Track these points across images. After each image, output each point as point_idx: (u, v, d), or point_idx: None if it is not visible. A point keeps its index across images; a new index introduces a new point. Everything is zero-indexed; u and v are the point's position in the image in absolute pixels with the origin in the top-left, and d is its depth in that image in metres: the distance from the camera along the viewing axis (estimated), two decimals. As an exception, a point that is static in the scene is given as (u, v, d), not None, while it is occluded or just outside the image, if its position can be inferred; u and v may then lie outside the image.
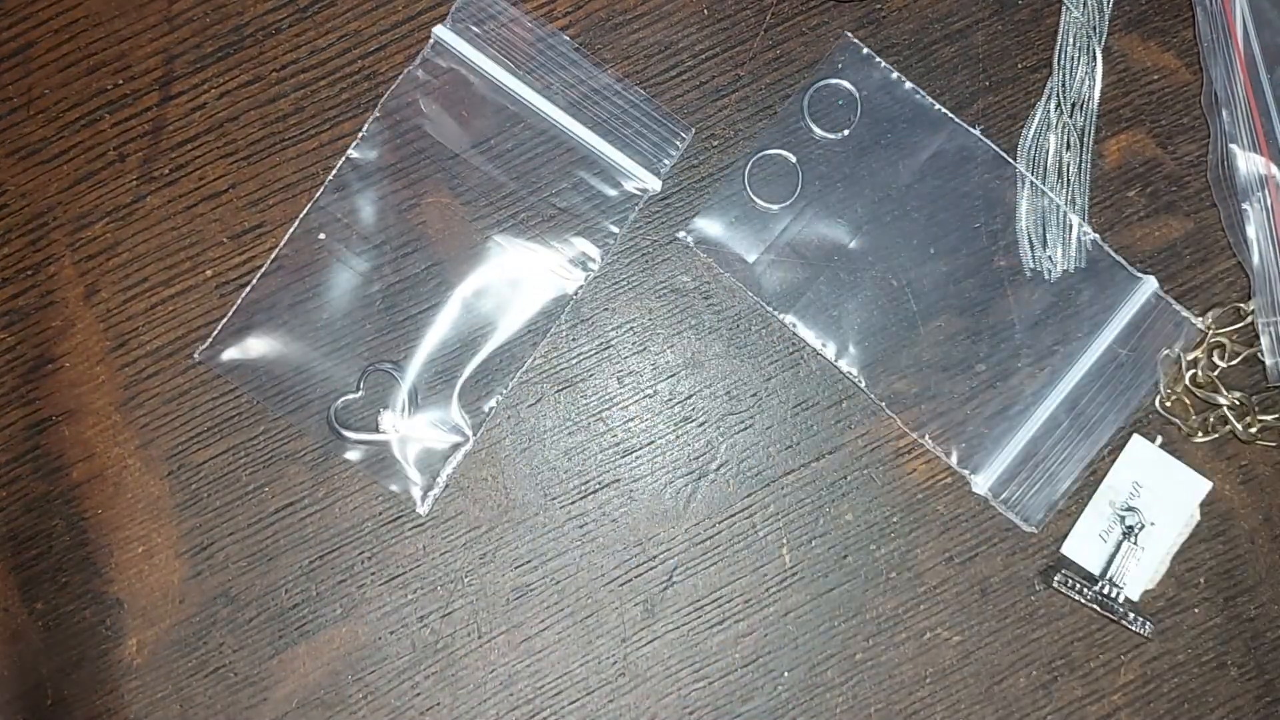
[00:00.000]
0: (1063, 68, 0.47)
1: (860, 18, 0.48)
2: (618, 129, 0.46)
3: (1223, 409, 0.46)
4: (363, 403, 0.46)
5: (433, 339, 0.46)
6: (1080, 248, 0.47)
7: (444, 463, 0.46)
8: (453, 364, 0.46)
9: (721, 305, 0.47)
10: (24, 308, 0.46)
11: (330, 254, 0.46)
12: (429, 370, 0.46)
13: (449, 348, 0.46)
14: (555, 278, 0.46)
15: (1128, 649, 0.46)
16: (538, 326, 0.46)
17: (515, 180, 0.46)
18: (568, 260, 0.46)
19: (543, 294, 0.46)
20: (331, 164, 0.46)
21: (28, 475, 0.46)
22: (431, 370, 0.46)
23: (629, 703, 0.46)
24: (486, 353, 0.46)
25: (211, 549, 0.46)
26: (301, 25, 0.47)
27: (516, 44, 0.46)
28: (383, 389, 0.46)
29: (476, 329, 0.46)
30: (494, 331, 0.46)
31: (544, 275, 0.46)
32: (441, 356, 0.46)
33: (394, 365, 0.46)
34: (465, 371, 0.46)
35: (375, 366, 0.45)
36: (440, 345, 0.46)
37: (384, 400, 0.46)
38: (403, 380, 0.45)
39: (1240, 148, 0.46)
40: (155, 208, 0.46)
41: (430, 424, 0.46)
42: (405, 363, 0.46)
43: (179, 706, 0.45)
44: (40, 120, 0.46)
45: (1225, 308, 0.47)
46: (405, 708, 0.46)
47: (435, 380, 0.46)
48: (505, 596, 0.46)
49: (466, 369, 0.46)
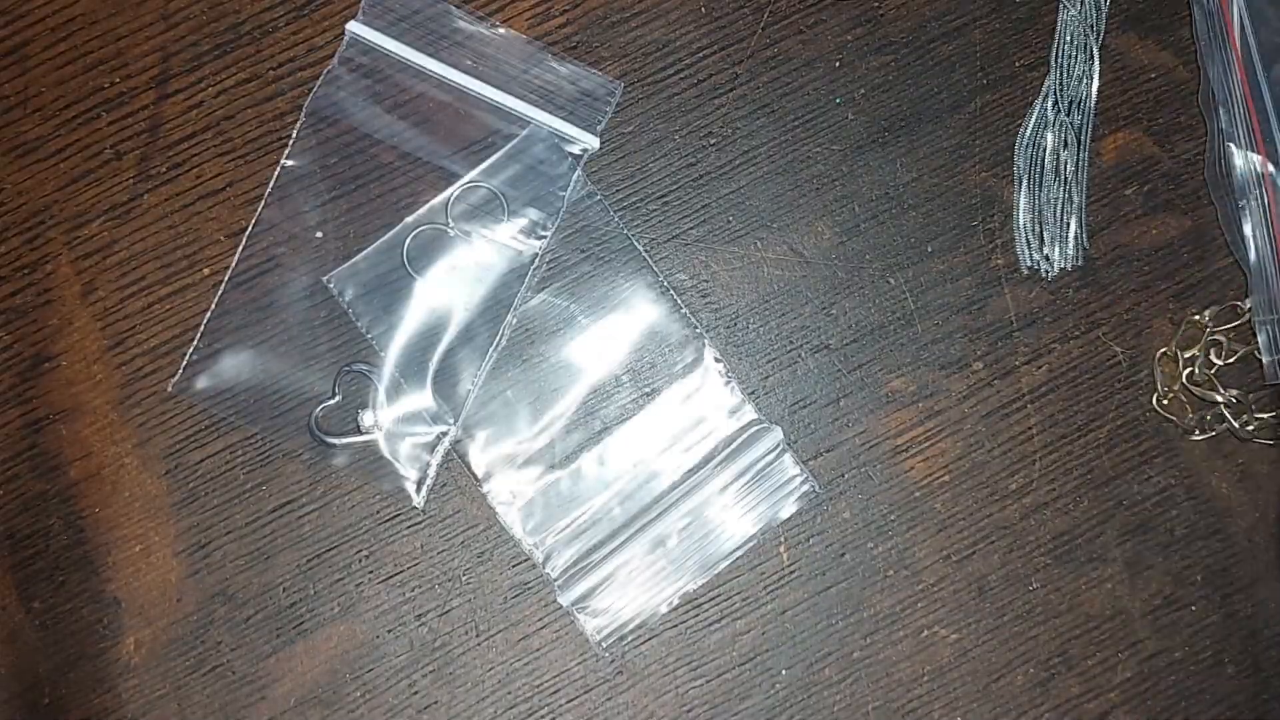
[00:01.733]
0: (1060, 66, 0.47)
1: (858, 16, 0.48)
2: (548, 95, 0.46)
3: (1220, 407, 0.47)
4: (342, 406, 0.45)
5: (399, 331, 0.46)
6: (1079, 247, 0.47)
7: (431, 453, 0.45)
8: (422, 354, 0.46)
9: (719, 303, 0.47)
10: (21, 306, 0.46)
11: (284, 265, 0.45)
12: (401, 363, 0.45)
13: (417, 338, 0.46)
14: (510, 250, 0.46)
15: (1125, 646, 0.46)
16: (501, 300, 0.46)
17: (454, 161, 0.46)
18: (519, 231, 0.46)
19: (499, 268, 0.46)
20: (329, 162, 0.46)
21: (25, 474, 0.46)
22: (404, 363, 0.45)
23: (626, 700, 0.46)
24: (452, 336, 0.46)
25: (209, 547, 0.46)
26: (299, 23, 0.47)
27: (432, 27, 0.46)
28: (360, 390, 0.46)
29: (440, 314, 0.46)
30: (457, 314, 0.46)
31: (498, 250, 0.46)
32: (411, 347, 0.46)
33: (367, 364, 0.45)
34: (435, 358, 0.46)
35: (348, 368, 0.45)
36: (408, 336, 0.46)
37: (362, 401, 0.45)
38: (377, 378, 0.45)
39: (1237, 146, 0.46)
40: (152, 206, 0.46)
41: (411, 417, 0.45)
42: (378, 360, 0.46)
43: (176, 705, 0.45)
44: (37, 118, 0.46)
45: (1222, 306, 0.47)
46: (403, 706, 0.46)
47: (409, 372, 0.46)
48: (503, 595, 0.46)
49: (436, 355, 0.46)
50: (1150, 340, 0.47)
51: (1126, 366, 0.47)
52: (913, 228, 0.47)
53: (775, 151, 0.47)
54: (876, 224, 0.47)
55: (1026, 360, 0.47)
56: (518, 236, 0.46)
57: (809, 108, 0.48)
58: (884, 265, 0.47)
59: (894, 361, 0.47)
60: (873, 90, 0.48)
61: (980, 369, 0.47)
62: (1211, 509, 0.47)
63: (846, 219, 0.47)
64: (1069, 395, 0.47)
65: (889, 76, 0.48)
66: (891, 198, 0.47)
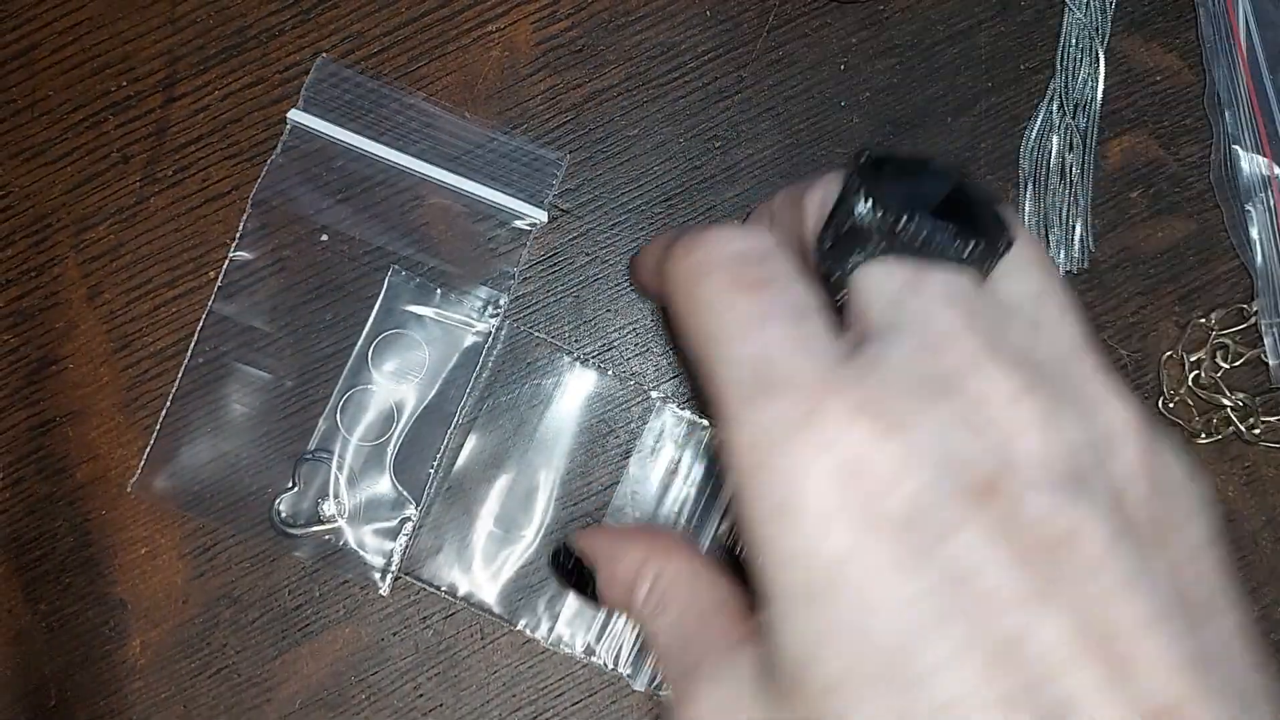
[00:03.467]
0: (1065, 69, 0.47)
1: (863, 19, 0.48)
2: (493, 172, 0.46)
3: (1226, 411, 0.46)
4: (302, 496, 0.45)
5: (355, 418, 0.46)
6: (1084, 250, 0.47)
7: (395, 538, 0.45)
8: (381, 439, 0.46)
9: (724, 306, 0.47)
10: (28, 309, 0.46)
11: (237, 358, 0.45)
12: (360, 450, 0.46)
13: (374, 423, 0.46)
14: (463, 331, 0.46)
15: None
16: (457, 382, 0.46)
17: (404, 244, 0.46)
18: (474, 311, 0.46)
19: (454, 349, 0.46)
20: (334, 165, 0.47)
21: (31, 476, 0.46)
22: (363, 450, 0.46)
23: (632, 703, 0.46)
24: (408, 421, 0.46)
25: (214, 550, 0.46)
26: (304, 27, 0.47)
27: (375, 111, 0.46)
28: (320, 478, 0.46)
29: (396, 399, 0.46)
30: (412, 398, 0.46)
31: (452, 331, 0.46)
32: (368, 433, 0.46)
33: (325, 452, 0.45)
34: (394, 443, 0.46)
35: (307, 457, 0.45)
36: (365, 423, 0.46)
37: (323, 490, 0.45)
38: (336, 466, 0.45)
39: (1243, 149, 0.46)
40: (159, 209, 0.46)
41: (372, 503, 0.45)
42: (337, 446, 0.46)
43: (182, 707, 0.45)
44: (44, 122, 0.47)
45: (1229, 309, 0.47)
46: (408, 709, 0.46)
47: (369, 459, 0.46)
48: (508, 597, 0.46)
49: (393, 441, 0.46)
50: (1156, 343, 0.47)
51: (1132, 370, 0.47)
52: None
53: (780, 155, 0.47)
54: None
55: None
56: (470, 316, 0.46)
57: (814, 111, 0.48)
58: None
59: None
60: (878, 93, 0.48)
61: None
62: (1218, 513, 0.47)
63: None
64: (1075, 398, 0.47)
65: (894, 79, 0.48)
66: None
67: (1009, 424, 0.20)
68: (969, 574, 0.19)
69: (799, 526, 0.20)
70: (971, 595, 0.19)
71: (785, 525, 0.20)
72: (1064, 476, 0.20)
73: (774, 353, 0.21)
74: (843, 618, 0.20)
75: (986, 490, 0.20)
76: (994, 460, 0.20)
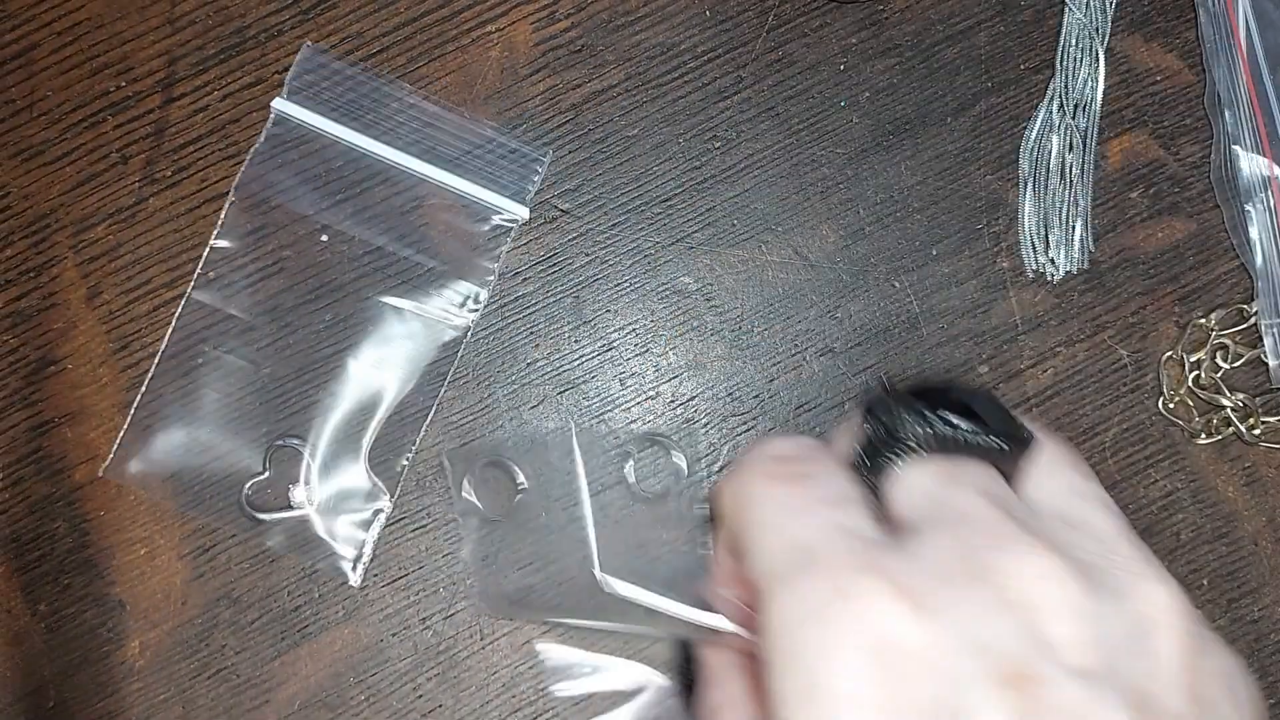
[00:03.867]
0: (1065, 69, 0.47)
1: (862, 19, 0.48)
2: (476, 166, 0.46)
3: (1226, 411, 0.46)
4: (273, 482, 0.45)
5: (330, 407, 0.46)
6: (1084, 250, 0.47)
7: (367, 530, 0.45)
8: (356, 429, 0.46)
9: (724, 307, 0.47)
10: (26, 310, 0.46)
11: (214, 346, 0.45)
12: (334, 439, 0.45)
13: (349, 413, 0.46)
14: (442, 326, 0.46)
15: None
16: (435, 375, 0.46)
17: (384, 236, 0.46)
18: (453, 305, 0.46)
19: (433, 343, 0.46)
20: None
21: (30, 477, 0.46)
22: (336, 438, 0.45)
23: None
24: (385, 412, 0.46)
25: (214, 551, 0.46)
26: (304, 27, 0.47)
27: (359, 102, 0.46)
28: (291, 465, 0.45)
29: (372, 390, 0.46)
30: (390, 390, 0.46)
31: (431, 325, 0.46)
32: (343, 423, 0.46)
33: (298, 439, 0.45)
34: (368, 434, 0.45)
35: (280, 443, 0.45)
36: (340, 412, 0.46)
37: (294, 478, 0.45)
38: (308, 452, 0.45)
39: (1243, 149, 0.46)
40: (158, 209, 0.46)
41: (345, 493, 0.45)
42: (310, 435, 0.45)
43: (181, 708, 0.45)
44: (43, 122, 0.46)
45: (1229, 309, 0.47)
46: (407, 710, 0.46)
47: (342, 448, 0.45)
48: (508, 598, 0.46)
49: (369, 432, 0.45)
50: (1156, 344, 0.47)
51: (1132, 370, 0.47)
52: (918, 231, 0.47)
53: (780, 155, 0.47)
54: (881, 227, 0.47)
55: (1032, 364, 0.47)
56: (449, 310, 0.46)
57: (813, 111, 0.47)
58: (889, 268, 0.47)
59: (899, 365, 0.47)
60: (877, 93, 0.48)
61: (985, 372, 0.47)
62: (1218, 513, 0.47)
63: (851, 222, 0.47)
64: (1074, 399, 0.47)
65: (894, 80, 0.48)
66: (896, 201, 0.47)
67: (1041, 609, 0.21)
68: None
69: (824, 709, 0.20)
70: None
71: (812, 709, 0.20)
72: (1095, 665, 0.20)
73: (813, 536, 0.22)
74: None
75: (1015, 677, 0.20)
76: (1024, 646, 0.20)
